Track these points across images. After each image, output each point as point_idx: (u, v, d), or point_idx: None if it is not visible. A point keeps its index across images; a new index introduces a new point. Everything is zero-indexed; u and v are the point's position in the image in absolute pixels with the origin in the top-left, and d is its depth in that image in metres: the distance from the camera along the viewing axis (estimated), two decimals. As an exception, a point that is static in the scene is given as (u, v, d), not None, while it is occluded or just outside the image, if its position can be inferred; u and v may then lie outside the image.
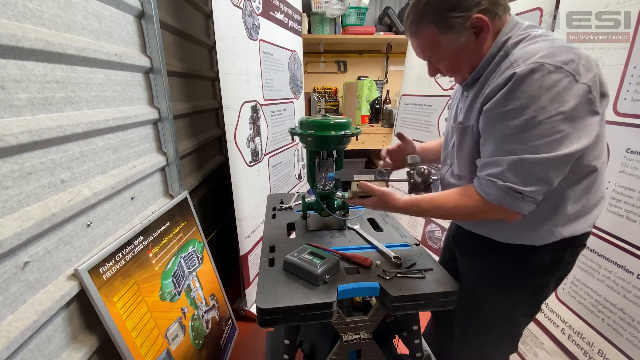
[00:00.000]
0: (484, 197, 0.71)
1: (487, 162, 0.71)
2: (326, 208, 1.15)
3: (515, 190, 0.67)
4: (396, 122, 2.47)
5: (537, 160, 0.64)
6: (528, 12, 1.38)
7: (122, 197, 1.03)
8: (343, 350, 0.85)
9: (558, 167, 0.65)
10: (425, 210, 0.81)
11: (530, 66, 0.62)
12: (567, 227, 0.75)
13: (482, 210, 0.73)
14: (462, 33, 0.72)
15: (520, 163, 0.65)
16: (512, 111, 0.64)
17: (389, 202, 0.84)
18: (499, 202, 0.69)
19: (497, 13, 0.71)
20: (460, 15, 0.70)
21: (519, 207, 0.69)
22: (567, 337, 1.21)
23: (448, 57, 0.77)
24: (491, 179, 0.69)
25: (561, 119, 0.61)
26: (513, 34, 0.72)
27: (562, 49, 0.63)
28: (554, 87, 0.61)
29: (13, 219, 0.65)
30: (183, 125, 1.59)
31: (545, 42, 0.66)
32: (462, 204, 0.75)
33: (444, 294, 0.79)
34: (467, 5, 0.69)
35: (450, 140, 0.91)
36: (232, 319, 1.61)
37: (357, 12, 2.99)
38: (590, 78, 0.62)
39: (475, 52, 0.74)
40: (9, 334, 0.62)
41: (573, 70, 0.61)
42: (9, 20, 0.66)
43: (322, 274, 0.81)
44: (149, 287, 1.02)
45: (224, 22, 1.42)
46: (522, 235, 0.78)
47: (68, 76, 0.81)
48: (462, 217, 0.84)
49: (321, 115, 1.10)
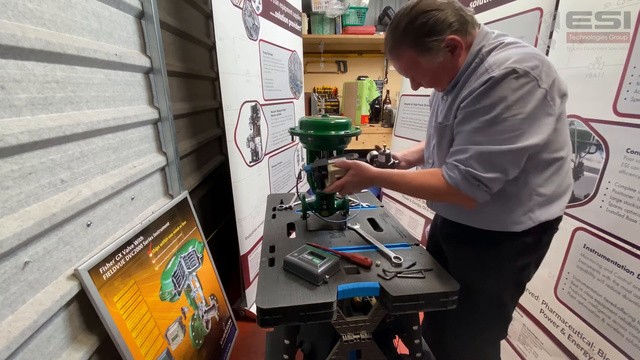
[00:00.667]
0: (446, 179, 0.80)
1: (456, 149, 0.80)
2: (326, 208, 1.15)
3: (473, 176, 0.75)
4: (396, 122, 2.47)
5: (498, 151, 0.73)
6: (528, 12, 1.38)
7: (122, 197, 1.03)
8: (343, 350, 0.85)
9: (514, 159, 0.74)
10: (395, 184, 0.88)
11: (504, 70, 0.71)
12: (543, 211, 0.83)
13: (443, 192, 0.81)
14: (439, 53, 0.80)
15: (483, 153, 0.74)
16: (483, 108, 0.73)
17: (363, 171, 0.91)
18: (457, 185, 0.78)
19: (467, 30, 0.80)
20: (435, 39, 0.78)
21: (473, 193, 0.77)
22: (567, 337, 1.21)
23: (429, 74, 0.86)
24: (456, 163, 0.78)
25: (522, 118, 0.71)
26: (485, 42, 0.80)
27: (530, 55, 0.72)
28: (520, 89, 0.70)
29: (13, 219, 0.65)
30: (183, 125, 1.59)
31: (514, 49, 0.75)
32: (427, 182, 0.84)
33: (444, 294, 0.79)
34: (440, 29, 0.77)
35: (431, 141, 0.99)
36: (232, 319, 1.61)
37: (357, 12, 2.99)
38: (550, 83, 0.72)
39: (452, 67, 0.83)
40: (9, 334, 0.62)
41: (537, 76, 0.70)
42: (9, 20, 0.66)
43: (322, 274, 0.81)
44: (149, 287, 1.02)
45: (224, 22, 1.42)
46: (503, 223, 0.85)
47: (68, 76, 0.81)
48: (426, 196, 0.91)
49: (321, 115, 1.10)
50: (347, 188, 0.94)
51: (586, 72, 1.12)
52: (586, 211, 1.13)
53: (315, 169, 0.99)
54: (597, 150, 1.09)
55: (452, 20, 0.77)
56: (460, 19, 0.78)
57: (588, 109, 1.12)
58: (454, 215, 0.95)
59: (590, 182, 1.11)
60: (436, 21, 0.76)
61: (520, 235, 0.85)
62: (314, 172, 1.00)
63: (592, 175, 1.11)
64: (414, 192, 0.90)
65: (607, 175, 1.06)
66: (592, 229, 1.12)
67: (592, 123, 1.11)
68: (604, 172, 1.08)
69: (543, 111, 0.72)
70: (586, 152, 1.13)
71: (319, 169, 0.99)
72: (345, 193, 0.99)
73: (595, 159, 1.10)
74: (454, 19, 0.77)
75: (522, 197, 0.82)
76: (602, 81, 1.07)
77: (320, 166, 0.98)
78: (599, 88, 1.08)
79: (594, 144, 1.10)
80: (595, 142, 1.10)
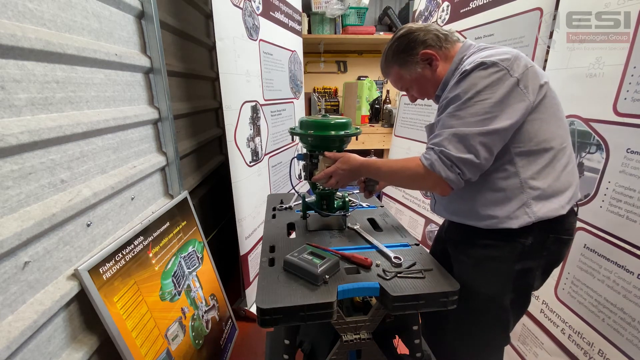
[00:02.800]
0: (422, 162, 0.84)
1: (433, 135, 0.85)
2: (326, 208, 1.15)
3: (446, 156, 0.79)
4: (396, 122, 2.47)
5: (469, 133, 0.77)
6: (528, 12, 1.38)
7: (122, 197, 1.03)
8: (343, 350, 0.85)
9: (485, 142, 0.77)
10: (378, 169, 0.95)
11: (473, 64, 0.79)
12: (540, 206, 0.82)
13: (419, 175, 0.85)
14: (417, 65, 0.94)
15: (456, 134, 0.79)
16: (456, 96, 0.80)
17: (350, 159, 0.98)
18: (432, 166, 0.81)
19: (442, 45, 0.92)
20: (410, 53, 0.93)
21: (446, 174, 0.80)
22: (567, 337, 1.21)
23: (414, 84, 0.99)
24: (431, 146, 0.83)
25: (492, 102, 0.76)
26: (467, 52, 0.90)
27: (501, 51, 0.80)
28: (490, 77, 0.76)
29: (13, 219, 0.65)
30: (183, 125, 1.59)
31: (490, 51, 0.82)
32: (406, 165, 0.88)
33: (444, 294, 0.79)
34: (413, 46, 0.93)
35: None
36: (232, 319, 1.61)
37: (357, 12, 2.99)
38: (521, 72, 0.76)
39: (432, 77, 0.94)
40: (9, 334, 0.62)
41: (508, 67, 0.76)
42: (9, 20, 0.66)
43: (322, 274, 0.81)
44: (149, 287, 1.02)
45: (224, 22, 1.42)
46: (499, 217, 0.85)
47: (68, 76, 0.81)
48: (405, 180, 0.94)
49: (321, 115, 1.10)
50: (335, 177, 0.98)
51: (586, 72, 1.12)
52: (586, 211, 1.13)
53: (307, 157, 1.05)
54: (597, 150, 1.09)
55: (425, 39, 0.92)
56: (433, 37, 0.92)
57: (588, 109, 1.12)
58: (454, 216, 0.96)
59: (590, 182, 1.11)
60: (409, 41, 0.93)
61: (519, 237, 0.85)
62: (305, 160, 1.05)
63: (592, 175, 1.11)
64: (394, 176, 0.93)
65: (607, 175, 1.06)
66: (592, 229, 1.12)
67: (592, 123, 1.11)
68: (604, 172, 1.08)
69: (515, 98, 0.76)
70: (586, 152, 1.13)
71: (310, 157, 1.05)
72: (333, 183, 1.00)
73: (596, 159, 1.10)
74: (427, 38, 0.92)
75: (514, 189, 0.83)
76: (602, 81, 1.07)
77: (312, 155, 1.05)
78: (599, 88, 1.08)
79: (594, 144, 1.10)
80: (595, 142, 1.10)
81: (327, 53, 3.33)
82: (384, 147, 2.97)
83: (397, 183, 1.01)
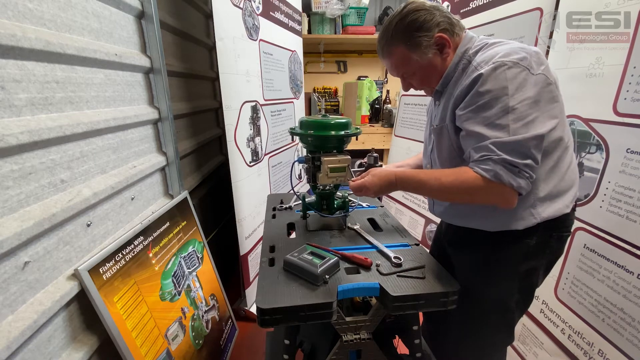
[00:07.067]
0: (482, 174, 0.73)
1: (475, 147, 0.75)
2: (326, 208, 1.15)
3: (510, 163, 0.71)
4: (396, 122, 2.47)
5: (518, 141, 0.71)
6: (528, 12, 1.38)
7: (122, 197, 1.03)
8: (343, 350, 0.85)
9: (536, 146, 0.72)
10: (423, 183, 0.84)
11: (492, 65, 0.73)
12: (545, 207, 0.81)
13: (479, 188, 0.74)
14: (428, 50, 0.84)
15: (505, 145, 0.71)
16: (486, 104, 0.73)
17: (381, 172, 0.92)
18: (497, 176, 0.72)
19: (455, 31, 0.84)
20: (425, 34, 0.82)
21: (516, 182, 0.72)
22: (567, 337, 1.21)
23: (419, 71, 0.88)
24: (485, 157, 0.73)
25: (529, 103, 0.71)
26: (470, 45, 0.84)
27: (515, 50, 0.74)
28: (516, 78, 0.71)
29: (13, 219, 0.65)
30: (183, 125, 1.59)
31: (500, 47, 0.77)
32: (459, 178, 0.77)
33: (444, 294, 0.79)
34: (429, 26, 0.82)
35: (428, 146, 0.99)
36: (232, 319, 1.61)
37: (357, 12, 2.99)
38: (543, 69, 0.73)
39: (440, 66, 0.86)
40: (9, 334, 0.62)
41: (527, 65, 0.72)
42: (9, 20, 0.66)
43: (322, 274, 0.81)
44: (149, 287, 1.02)
45: (224, 22, 1.42)
46: (505, 220, 0.82)
47: (68, 76, 0.81)
48: (458, 194, 0.80)
49: (321, 115, 1.10)
50: (368, 189, 0.93)
51: (586, 72, 1.12)
52: (586, 211, 1.13)
53: (309, 160, 1.02)
54: (597, 150, 1.10)
55: (440, 20, 0.82)
56: (448, 21, 0.83)
57: (588, 109, 1.12)
58: (456, 219, 0.95)
59: (590, 182, 1.11)
60: (425, 19, 0.82)
61: (524, 238, 0.83)
62: (307, 163, 1.03)
63: (592, 175, 1.11)
64: (442, 189, 0.82)
65: (607, 175, 1.06)
66: (592, 229, 1.12)
67: (592, 123, 1.11)
68: (604, 172, 1.08)
69: (547, 95, 0.73)
70: (586, 152, 1.13)
71: (312, 160, 1.02)
72: (365, 194, 0.96)
73: (595, 159, 1.10)
74: (442, 19, 0.83)
75: None
76: (602, 81, 1.07)
77: (314, 157, 1.02)
78: (599, 88, 1.08)
79: (594, 144, 1.10)
80: (595, 142, 1.10)
81: (327, 53, 3.33)
82: (384, 147, 2.97)
83: (446, 197, 0.88)
